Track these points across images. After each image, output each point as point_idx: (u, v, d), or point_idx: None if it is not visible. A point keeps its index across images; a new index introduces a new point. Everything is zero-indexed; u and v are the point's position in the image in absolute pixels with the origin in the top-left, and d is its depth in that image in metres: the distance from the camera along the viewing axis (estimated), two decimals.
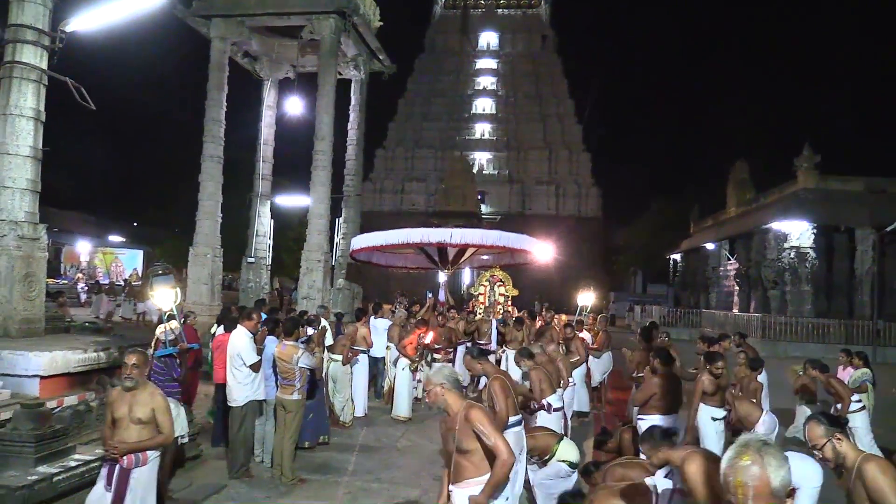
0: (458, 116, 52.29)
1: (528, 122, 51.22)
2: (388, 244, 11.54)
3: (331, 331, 9.91)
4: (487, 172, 50.70)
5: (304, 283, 15.33)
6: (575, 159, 50.29)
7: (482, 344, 11.27)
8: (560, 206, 49.43)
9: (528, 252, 12.73)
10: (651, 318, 29.84)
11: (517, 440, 4.78)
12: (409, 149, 51.55)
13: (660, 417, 5.59)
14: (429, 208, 47.39)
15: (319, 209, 15.67)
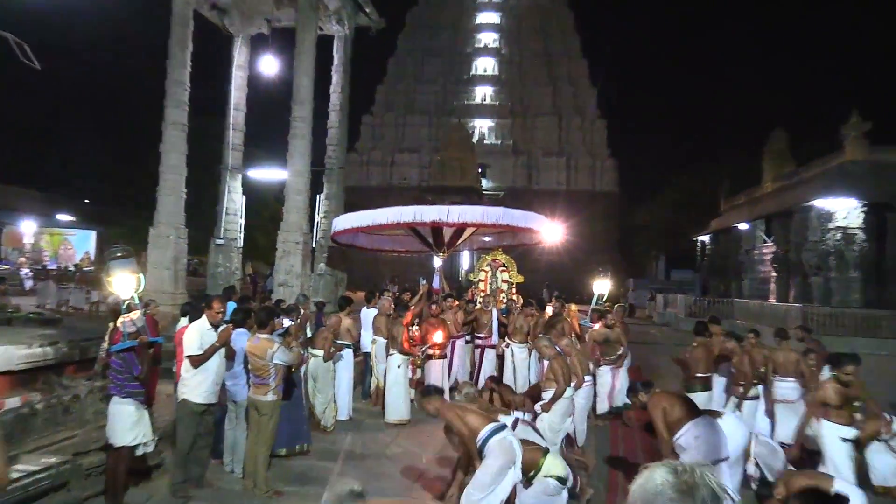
0: (456, 78, 52.03)
1: (536, 85, 51.04)
2: (376, 224, 11.48)
3: (311, 322, 9.90)
4: (489, 142, 50.61)
5: (280, 268, 15.31)
6: (588, 127, 50.19)
7: (481, 337, 11.29)
8: (571, 180, 49.43)
9: (536, 232, 12.71)
10: (675, 307, 29.94)
11: (503, 447, 4.95)
12: (399, 115, 51.36)
13: None
14: (422, 183, 47.31)
15: (298, 184, 15.60)
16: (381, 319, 10.07)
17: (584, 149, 49.78)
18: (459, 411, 5.26)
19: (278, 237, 15.57)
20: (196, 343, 6.18)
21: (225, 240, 18.16)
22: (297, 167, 15.59)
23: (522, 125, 50.53)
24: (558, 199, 45.33)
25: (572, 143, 50.02)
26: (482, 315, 11.41)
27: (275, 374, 6.24)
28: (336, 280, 18.25)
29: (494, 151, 50.06)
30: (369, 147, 50.91)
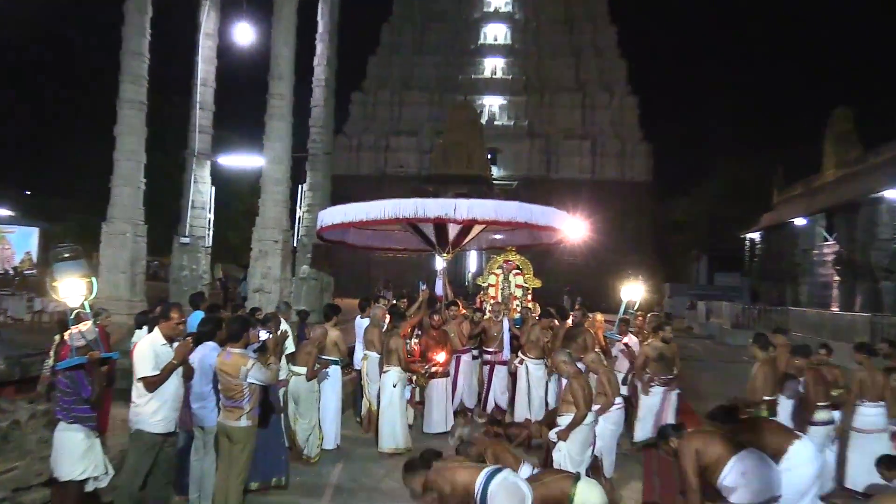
0: (461, 48, 52.08)
1: (556, 56, 51.04)
2: (370, 220, 11.42)
3: (292, 335, 9.90)
4: (500, 123, 50.66)
5: (255, 271, 15.33)
6: (617, 105, 50.17)
7: (490, 352, 11.29)
8: (597, 167, 49.42)
9: (558, 230, 12.68)
10: (719, 317, 29.87)
11: (508, 490, 4.87)
12: (395, 92, 51.42)
13: None
14: (422, 171, 47.37)
15: (276, 172, 15.61)
16: (374, 331, 10.07)
17: (611, 131, 49.77)
18: (448, 474, 5.01)
19: (253, 235, 15.59)
20: (149, 362, 6.16)
21: (191, 238, 18.19)
22: (276, 153, 15.60)
23: (539, 103, 50.55)
24: (581, 189, 45.30)
25: (598, 125, 50.00)
26: (491, 326, 11.40)
27: (249, 396, 6.24)
28: (321, 285, 18.26)
29: (506, 134, 50.08)
30: (360, 129, 50.99)
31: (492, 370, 11.25)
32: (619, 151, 49.39)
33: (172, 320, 6.37)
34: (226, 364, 6.24)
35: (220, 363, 6.30)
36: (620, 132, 49.76)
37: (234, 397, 6.23)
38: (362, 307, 10.99)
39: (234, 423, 6.24)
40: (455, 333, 10.90)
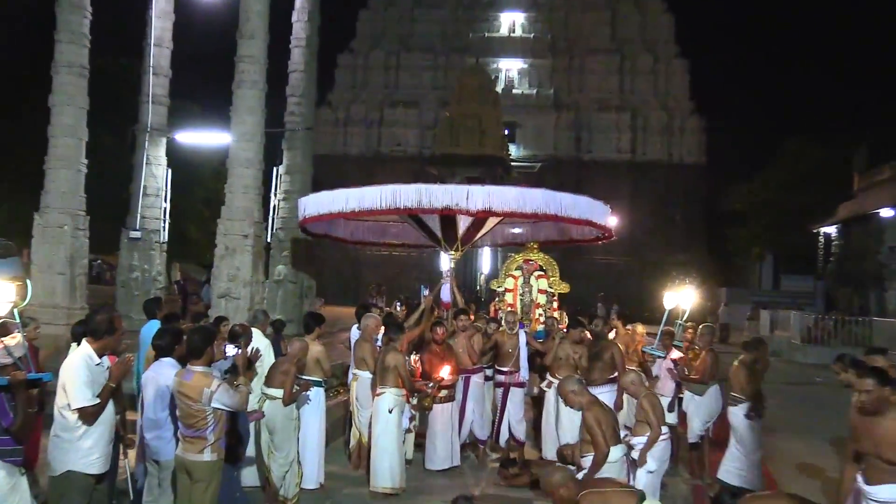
0: (473, 0, 52.01)
1: (587, 10, 51.00)
2: (363, 209, 11.42)
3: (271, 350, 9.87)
4: (520, 92, 50.67)
5: (221, 272, 15.34)
6: (663, 70, 50.13)
7: (505, 371, 11.25)
8: (638, 145, 49.44)
9: (594, 223, 12.60)
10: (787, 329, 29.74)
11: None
12: (391, 53, 51.44)
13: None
14: (423, 150, 47.41)
15: (246, 152, 15.63)
16: (365, 346, 10.04)
17: (656, 101, 49.73)
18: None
19: (218, 228, 15.61)
20: (87, 389, 5.99)
21: (142, 232, 18.24)
22: (246, 128, 15.62)
23: (568, 67, 50.55)
24: (619, 173, 45.37)
25: (639, 94, 49.98)
26: (505, 340, 11.36)
27: (214, 424, 6.23)
28: (301, 289, 18.29)
29: (527, 105, 50.09)
30: (348, 99, 51.03)
31: (506, 394, 11.19)
32: (665, 127, 49.36)
33: (104, 340, 6.26)
34: (185, 385, 6.22)
35: (179, 384, 6.28)
36: (666, 103, 49.71)
37: (195, 426, 6.21)
38: (359, 315, 10.96)
39: (196, 456, 6.24)
40: (464, 349, 10.85)
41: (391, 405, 9.24)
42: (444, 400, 10.01)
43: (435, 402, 9.95)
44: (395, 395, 9.27)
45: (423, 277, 33.91)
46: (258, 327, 9.74)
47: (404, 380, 9.27)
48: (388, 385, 9.27)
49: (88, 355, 6.16)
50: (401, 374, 9.26)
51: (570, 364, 10.64)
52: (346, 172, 42.50)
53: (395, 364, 9.25)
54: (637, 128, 49.45)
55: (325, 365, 9.52)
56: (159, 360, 6.75)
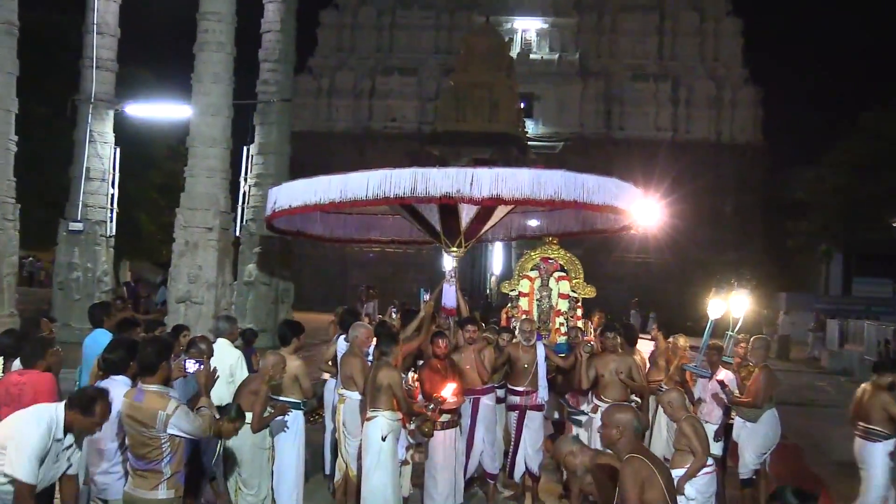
0: None
1: None
2: (346, 200, 11.41)
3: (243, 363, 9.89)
4: (539, 57, 50.58)
5: (180, 272, 15.36)
6: (710, 31, 50.04)
7: (519, 391, 11.23)
8: (681, 121, 49.37)
9: (623, 212, 12.62)
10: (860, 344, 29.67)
11: None
12: (384, 10, 51.35)
13: None
14: (423, 126, 47.31)
15: (211, 129, 15.64)
16: (354, 362, 9.99)
17: (702, 69, 49.63)
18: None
19: (177, 219, 15.62)
20: (35, 462, 5.77)
21: (84, 224, 18.25)
22: (210, 100, 15.63)
23: (596, 28, 50.49)
24: (657, 154, 45.21)
25: (683, 59, 49.90)
26: (520, 354, 11.33)
27: (171, 455, 6.23)
28: (276, 293, 18.30)
29: (548, 73, 49.99)
30: (333, 65, 50.96)
31: (522, 418, 11.17)
32: (714, 99, 49.25)
33: (44, 360, 6.24)
34: (136, 408, 6.21)
35: (129, 407, 6.25)
36: (715, 71, 49.64)
37: (148, 457, 6.21)
38: (345, 323, 10.92)
39: (149, 494, 6.23)
40: (472, 365, 10.82)
41: (384, 431, 9.09)
42: (446, 425, 9.93)
43: (436, 428, 9.89)
44: (388, 420, 9.10)
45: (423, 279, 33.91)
46: (226, 337, 9.74)
47: (400, 401, 9.10)
48: (381, 407, 9.11)
49: (55, 422, 5.90)
50: (395, 395, 9.07)
51: (618, 381, 10.44)
52: (331, 153, 42.48)
53: (388, 382, 9.05)
54: (679, 100, 49.36)
55: (304, 383, 9.45)
56: (110, 378, 6.73)
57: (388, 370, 9.19)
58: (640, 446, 6.22)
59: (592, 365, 10.69)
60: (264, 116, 19.14)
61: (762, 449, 10.52)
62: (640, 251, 40.49)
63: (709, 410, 10.63)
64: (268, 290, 18.03)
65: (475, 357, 10.87)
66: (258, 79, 19.11)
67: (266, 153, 19.03)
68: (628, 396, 10.41)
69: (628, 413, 6.34)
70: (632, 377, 10.34)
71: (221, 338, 9.58)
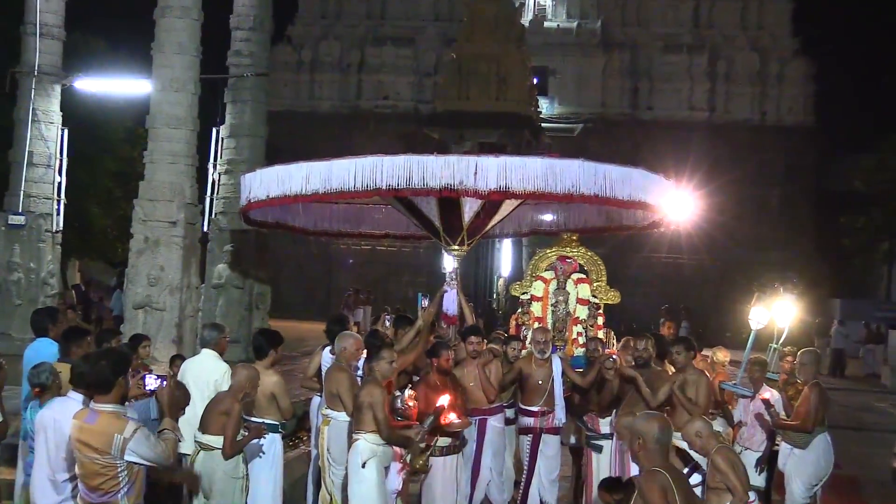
0: None
1: None
2: (330, 191, 11.42)
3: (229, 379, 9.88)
4: (555, 24, 50.56)
5: (139, 273, 15.32)
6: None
7: (533, 412, 11.23)
8: (719, 100, 49.29)
9: (651, 207, 12.62)
10: None
11: None
12: None
13: None
14: (421, 105, 47.31)
15: (174, 108, 15.61)
16: (341, 378, 9.95)
17: (744, 39, 49.58)
18: None
19: (134, 212, 15.60)
20: None
21: (26, 217, 18.24)
22: (174, 73, 15.61)
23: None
24: (691, 138, 45.25)
25: (720, 27, 49.85)
26: (534, 368, 11.34)
27: (128, 485, 6.23)
28: (250, 297, 18.30)
29: (566, 44, 49.99)
30: (316, 35, 50.95)
31: (536, 443, 11.19)
32: (758, 74, 49.19)
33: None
34: (88, 431, 6.20)
35: (79, 430, 6.23)
36: (759, 41, 49.58)
37: (101, 487, 6.20)
38: (331, 333, 10.90)
39: None
40: (476, 382, 10.83)
41: (366, 456, 9.02)
42: (447, 451, 9.90)
43: (434, 454, 9.83)
44: (370, 444, 9.03)
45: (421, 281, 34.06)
46: (212, 348, 9.70)
47: (380, 424, 8.97)
48: (363, 429, 9.05)
49: None
50: (376, 416, 8.96)
51: (657, 397, 10.25)
52: (314, 135, 42.44)
53: (368, 401, 8.99)
54: (717, 76, 49.26)
55: (282, 402, 9.47)
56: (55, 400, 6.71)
57: (369, 387, 9.12)
58: (662, 460, 6.32)
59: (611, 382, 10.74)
60: (236, 93, 19.11)
61: (812, 480, 10.41)
62: (672, 250, 40.42)
63: (750, 435, 10.62)
64: (240, 293, 18.01)
65: (480, 372, 10.85)
66: (229, 49, 19.09)
67: (238, 136, 19.00)
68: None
69: (651, 422, 6.38)
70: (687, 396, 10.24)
71: (206, 348, 9.56)
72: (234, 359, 12.96)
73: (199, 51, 16.01)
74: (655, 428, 6.20)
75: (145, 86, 16.38)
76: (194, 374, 9.34)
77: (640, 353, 10.63)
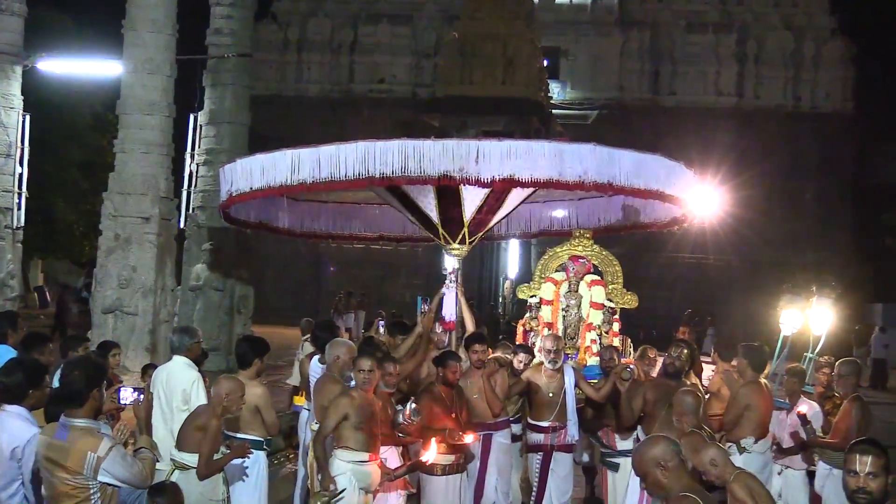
0: None
1: None
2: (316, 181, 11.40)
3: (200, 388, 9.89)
4: (567, 1, 50.50)
5: (108, 273, 15.36)
6: None
7: (543, 427, 11.24)
8: (748, 84, 49.26)
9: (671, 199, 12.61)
10: None
11: None
12: None
13: None
14: (419, 89, 47.30)
15: (148, 91, 15.64)
16: (333, 390, 10.00)
17: (776, 17, 49.53)
18: None
19: (103, 207, 15.63)
20: None
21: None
22: (147, 53, 15.63)
23: None
24: (717, 126, 45.24)
25: (751, 5, 49.80)
26: (544, 379, 11.34)
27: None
28: (232, 301, 18.31)
29: (579, 23, 49.99)
30: (304, 10, 50.91)
31: (547, 461, 11.19)
32: (791, 56, 49.15)
33: None
34: (58, 449, 6.21)
35: (47, 447, 6.26)
36: (793, 20, 49.56)
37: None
38: (320, 340, 10.90)
39: None
40: (480, 393, 10.83)
41: (343, 476, 9.04)
42: (448, 469, 9.88)
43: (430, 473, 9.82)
44: (341, 461, 9.09)
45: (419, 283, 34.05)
46: (184, 354, 9.69)
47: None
48: (336, 444, 9.12)
49: None
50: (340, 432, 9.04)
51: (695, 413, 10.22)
52: (302, 122, 42.52)
53: (342, 413, 9.05)
54: (747, 57, 49.23)
55: (268, 416, 9.48)
56: (2, 409, 6.72)
57: (342, 398, 9.17)
58: (689, 479, 6.26)
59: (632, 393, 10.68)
60: (216, 76, 19.14)
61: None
62: (696, 250, 40.39)
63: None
64: (221, 297, 18.02)
65: (484, 383, 10.82)
66: (208, 27, 19.11)
67: (218, 123, 19.02)
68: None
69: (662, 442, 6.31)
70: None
71: (178, 355, 9.53)
72: (214, 368, 12.98)
73: (175, 29, 16.03)
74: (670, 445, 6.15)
75: (116, 67, 16.38)
76: (163, 383, 9.33)
77: (673, 360, 10.57)
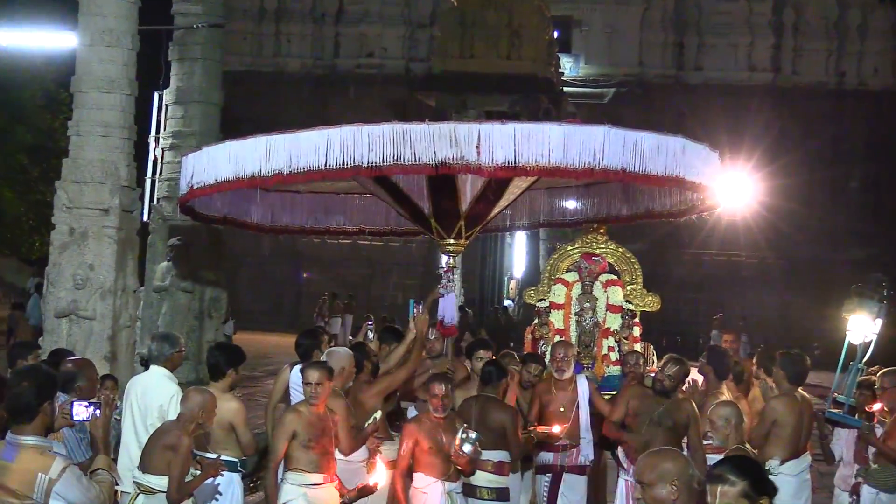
0: None
1: None
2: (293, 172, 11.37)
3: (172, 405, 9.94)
4: None
5: (62, 272, 15.40)
6: None
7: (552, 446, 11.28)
8: (785, 59, 49.27)
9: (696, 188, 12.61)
10: None
11: None
12: None
13: None
14: (414, 64, 47.33)
15: (107, 66, 15.68)
16: (338, 405, 10.05)
17: None
18: None
19: (57, 197, 15.68)
20: None
21: None
22: (106, 23, 15.65)
23: None
24: (750, 106, 45.23)
25: None
26: (554, 392, 11.37)
27: None
28: (201, 304, 18.37)
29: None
30: None
31: (557, 483, 11.23)
32: (834, 27, 49.12)
33: None
34: (4, 469, 6.25)
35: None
36: None
37: None
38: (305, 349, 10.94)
39: None
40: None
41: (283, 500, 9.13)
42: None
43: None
44: (297, 486, 9.12)
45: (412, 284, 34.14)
46: (162, 364, 9.72)
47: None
48: (289, 465, 9.18)
49: None
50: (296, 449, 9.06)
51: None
52: (281, 102, 42.58)
53: (290, 431, 9.06)
54: (783, 29, 49.22)
55: (242, 434, 9.53)
56: None
57: (291, 414, 9.26)
58: (702, 498, 6.16)
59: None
60: (184, 49, 19.15)
61: None
62: (726, 246, 40.42)
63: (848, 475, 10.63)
64: (189, 299, 18.05)
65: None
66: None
67: (187, 102, 19.04)
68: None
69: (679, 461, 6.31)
70: None
71: (155, 365, 9.56)
72: (183, 380, 12.95)
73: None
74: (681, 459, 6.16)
75: (70, 39, 16.40)
76: (138, 397, 9.37)
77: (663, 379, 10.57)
